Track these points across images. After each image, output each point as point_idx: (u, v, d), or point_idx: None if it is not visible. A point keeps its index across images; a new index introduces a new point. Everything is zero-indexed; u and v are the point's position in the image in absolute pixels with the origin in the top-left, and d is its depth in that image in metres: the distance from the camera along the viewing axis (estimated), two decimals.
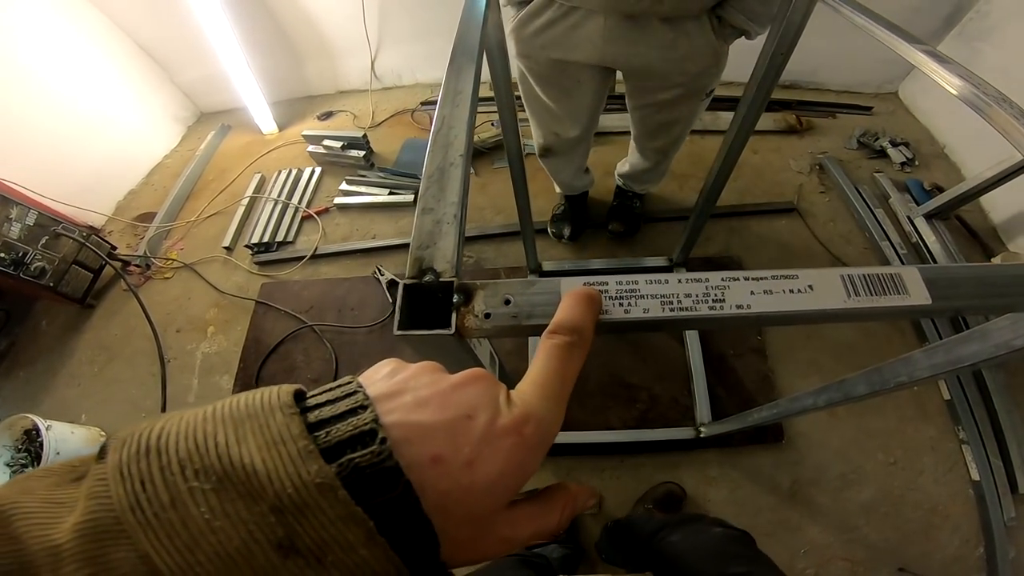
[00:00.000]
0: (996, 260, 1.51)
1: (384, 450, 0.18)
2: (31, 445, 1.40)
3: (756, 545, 0.76)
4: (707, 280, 0.29)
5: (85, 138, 2.06)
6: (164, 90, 2.42)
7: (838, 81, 2.22)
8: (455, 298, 0.30)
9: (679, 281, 0.29)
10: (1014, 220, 1.68)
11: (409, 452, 0.19)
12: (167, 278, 1.91)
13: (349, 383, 0.21)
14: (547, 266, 1.64)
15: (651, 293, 0.29)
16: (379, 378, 0.23)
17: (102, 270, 1.86)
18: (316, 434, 0.18)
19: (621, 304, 0.29)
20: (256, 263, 1.89)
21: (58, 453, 1.35)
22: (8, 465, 1.38)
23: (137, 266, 1.92)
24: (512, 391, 0.24)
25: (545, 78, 1.17)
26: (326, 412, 0.19)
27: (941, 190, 1.75)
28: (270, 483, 0.17)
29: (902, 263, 1.59)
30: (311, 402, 0.20)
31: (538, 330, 0.27)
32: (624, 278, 0.30)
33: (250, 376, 1.60)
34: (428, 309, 0.30)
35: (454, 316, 0.30)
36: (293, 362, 1.62)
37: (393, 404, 0.20)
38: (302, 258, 1.86)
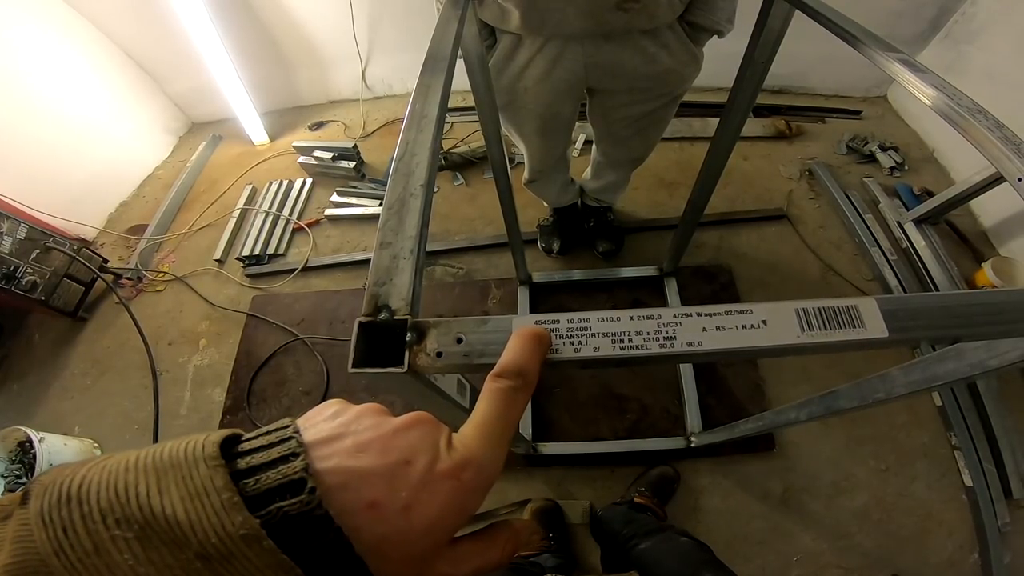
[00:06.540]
0: (986, 265, 1.51)
1: (313, 500, 0.18)
2: (24, 457, 1.40)
3: (715, 554, 0.82)
4: (659, 317, 0.29)
5: (76, 150, 2.06)
6: (155, 101, 2.42)
7: (827, 85, 2.22)
8: (408, 336, 0.30)
9: (631, 319, 0.29)
10: (1005, 224, 1.67)
11: (345, 497, 0.19)
12: (159, 291, 1.91)
13: (286, 427, 0.22)
14: (537, 277, 1.63)
15: (602, 331, 0.29)
16: (321, 420, 0.23)
17: (94, 283, 1.86)
18: (245, 481, 0.19)
19: (572, 343, 0.29)
20: (247, 276, 1.89)
21: (51, 464, 1.35)
22: (3, 476, 1.38)
23: (129, 279, 1.91)
24: (455, 435, 0.24)
25: (526, 113, 1.13)
26: (258, 459, 0.20)
27: (931, 194, 1.74)
28: (193, 533, 0.17)
29: (892, 269, 1.59)
30: (245, 447, 0.20)
31: (489, 368, 0.27)
32: (576, 316, 0.30)
33: (242, 389, 1.60)
34: (383, 346, 0.30)
35: (407, 355, 0.30)
36: (284, 375, 1.62)
37: (331, 449, 0.21)
38: (293, 271, 1.85)
